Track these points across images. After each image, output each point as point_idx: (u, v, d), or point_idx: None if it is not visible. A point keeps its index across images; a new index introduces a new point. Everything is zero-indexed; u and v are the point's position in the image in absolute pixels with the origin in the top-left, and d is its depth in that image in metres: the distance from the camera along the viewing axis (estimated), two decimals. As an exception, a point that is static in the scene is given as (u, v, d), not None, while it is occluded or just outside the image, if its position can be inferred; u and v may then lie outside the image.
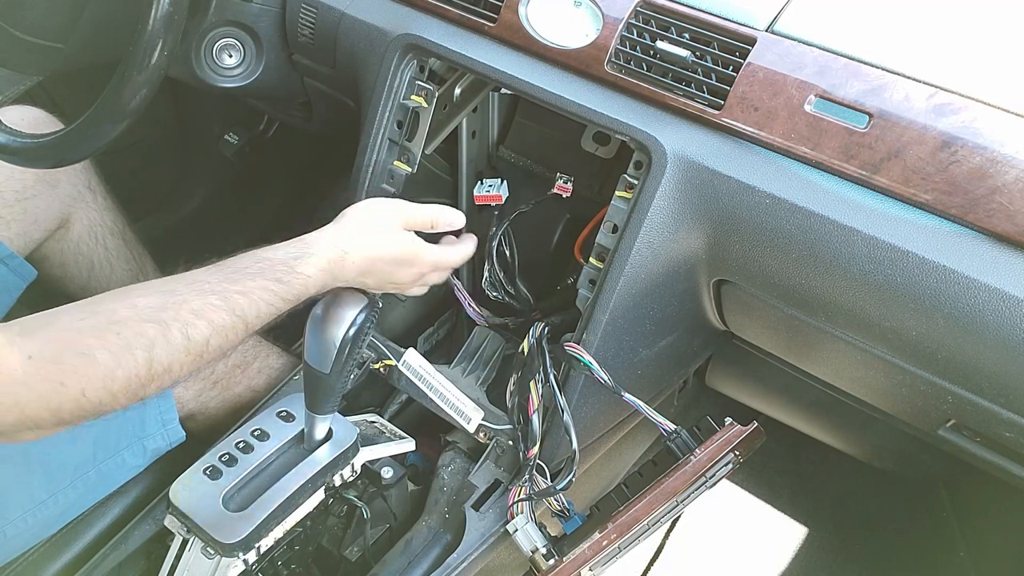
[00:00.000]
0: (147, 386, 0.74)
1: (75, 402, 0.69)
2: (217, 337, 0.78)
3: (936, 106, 0.81)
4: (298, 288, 0.84)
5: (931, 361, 0.86)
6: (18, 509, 0.97)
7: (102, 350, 0.71)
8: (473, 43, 1.04)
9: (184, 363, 0.76)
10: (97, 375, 0.70)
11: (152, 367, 0.73)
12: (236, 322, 0.79)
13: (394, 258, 0.93)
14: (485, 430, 1.03)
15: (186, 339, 0.75)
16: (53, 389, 0.68)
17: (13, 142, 1.03)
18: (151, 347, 0.73)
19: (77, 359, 0.70)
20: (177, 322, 0.75)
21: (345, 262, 0.88)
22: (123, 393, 0.72)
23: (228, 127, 1.76)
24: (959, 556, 1.47)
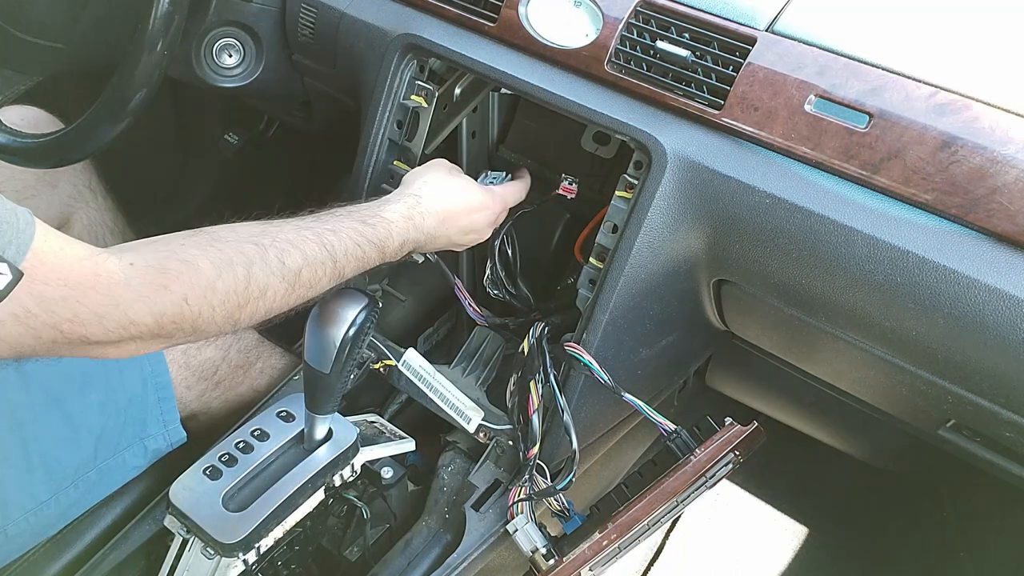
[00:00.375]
0: (243, 307, 0.74)
1: (177, 308, 0.69)
2: (308, 269, 0.80)
3: (936, 106, 0.81)
4: (382, 231, 0.88)
5: (931, 361, 0.86)
6: (19, 509, 0.97)
7: (204, 260, 0.72)
8: (473, 43, 1.04)
9: (278, 290, 0.77)
10: (199, 283, 0.70)
11: (250, 285, 0.74)
12: (326, 257, 0.82)
13: (468, 205, 0.98)
14: (485, 430, 1.03)
15: (281, 264, 0.77)
16: (156, 292, 0.68)
17: (13, 142, 1.03)
18: (250, 264, 0.75)
19: (180, 266, 0.70)
20: (274, 247, 0.78)
21: (422, 207, 0.93)
22: (221, 307, 0.72)
23: (228, 127, 1.76)
24: (959, 556, 1.47)
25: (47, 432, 0.99)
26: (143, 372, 1.06)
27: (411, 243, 0.92)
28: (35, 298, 0.61)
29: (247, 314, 0.75)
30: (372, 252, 0.87)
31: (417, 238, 0.93)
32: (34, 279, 0.60)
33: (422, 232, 0.93)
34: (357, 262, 0.86)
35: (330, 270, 0.82)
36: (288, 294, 0.79)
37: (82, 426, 1.01)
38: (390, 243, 0.89)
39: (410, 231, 0.91)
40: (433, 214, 0.94)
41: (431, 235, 0.94)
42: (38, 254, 0.61)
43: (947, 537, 1.51)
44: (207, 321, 0.72)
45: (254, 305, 0.76)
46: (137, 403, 1.06)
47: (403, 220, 0.91)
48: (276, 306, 0.79)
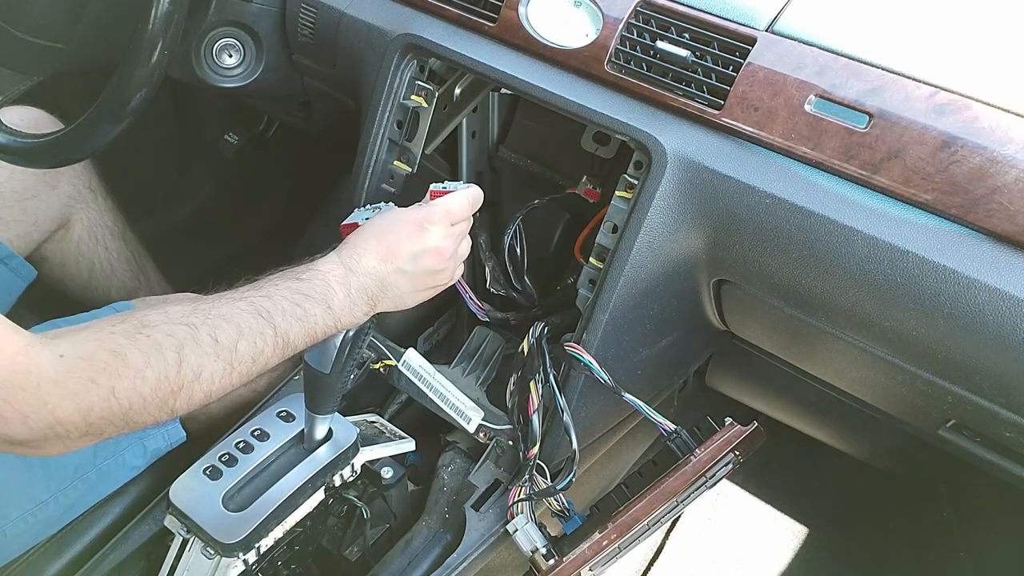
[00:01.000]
0: (177, 393, 0.72)
1: (105, 402, 0.67)
2: (246, 342, 0.76)
3: (936, 106, 0.81)
4: (319, 284, 0.83)
5: (931, 361, 0.86)
6: (18, 509, 0.97)
7: (132, 349, 0.70)
8: (473, 43, 1.04)
9: (215, 370, 0.74)
10: (127, 373, 0.69)
11: (182, 369, 0.72)
12: (264, 325, 0.78)
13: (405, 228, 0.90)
14: (485, 430, 1.03)
15: (215, 342, 0.74)
16: (83, 387, 0.66)
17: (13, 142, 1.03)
18: (180, 347, 0.72)
19: (108, 356, 0.68)
20: (206, 325, 0.75)
21: (353, 247, 0.88)
22: (153, 396, 0.70)
23: (228, 127, 1.76)
24: (959, 556, 1.47)
25: (47, 432, 0.99)
26: (143, 372, 1.06)
27: (359, 291, 0.86)
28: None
29: (183, 400, 0.73)
30: (316, 309, 0.82)
31: (364, 284, 0.86)
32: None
33: (366, 275, 0.86)
34: (300, 324, 0.80)
35: (271, 338, 0.78)
36: (227, 373, 0.75)
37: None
38: (333, 296, 0.83)
39: (350, 277, 0.85)
40: (368, 251, 0.88)
41: (379, 276, 0.87)
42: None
43: (947, 537, 1.51)
44: (138, 412, 0.70)
45: (189, 389, 0.73)
46: (137, 403, 1.05)
47: (338, 267, 0.85)
48: (216, 388, 0.75)
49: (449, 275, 0.95)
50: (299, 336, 0.81)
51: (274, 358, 0.80)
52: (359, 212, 1.07)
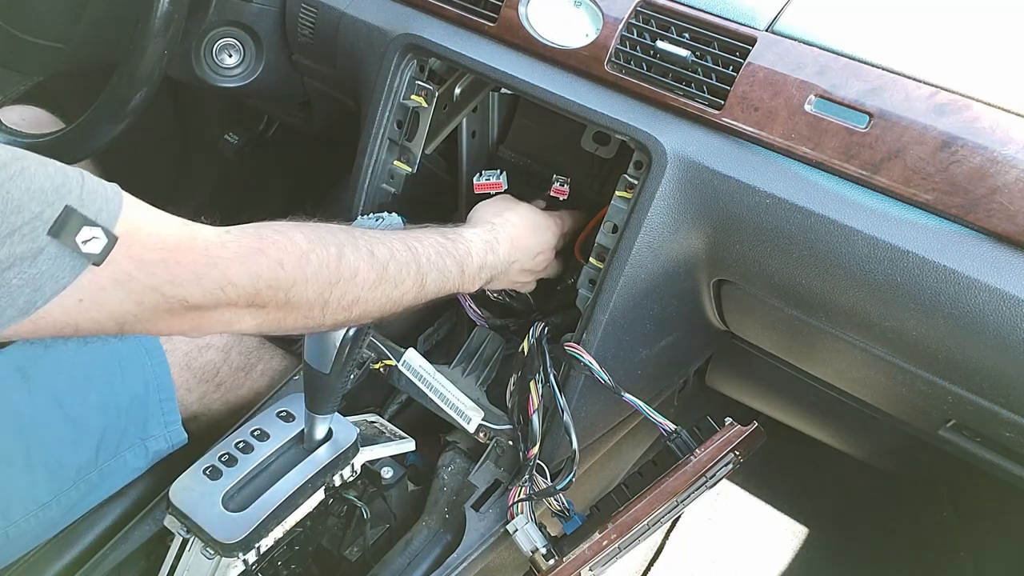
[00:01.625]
0: (335, 285, 0.74)
1: (273, 272, 0.69)
2: (395, 265, 0.81)
3: (936, 106, 0.81)
4: (462, 249, 0.91)
5: (931, 361, 0.86)
6: (21, 510, 0.97)
7: (298, 233, 0.73)
8: (473, 43, 1.04)
9: (367, 276, 0.77)
10: (294, 251, 0.71)
11: (341, 264, 0.75)
12: (410, 259, 0.83)
13: (534, 225, 1.02)
14: (485, 430, 1.03)
15: (371, 253, 0.79)
16: (252, 254, 0.68)
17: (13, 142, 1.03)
18: (342, 245, 0.76)
19: (275, 235, 0.71)
20: (364, 238, 0.80)
21: (496, 233, 0.97)
22: (314, 279, 0.72)
23: (228, 127, 1.76)
24: (959, 556, 1.47)
25: (49, 433, 0.99)
26: (144, 373, 1.06)
27: (488, 269, 0.95)
28: (134, 262, 0.61)
29: (337, 295, 0.75)
30: (452, 267, 0.89)
31: (494, 263, 0.95)
32: (132, 244, 0.61)
33: (498, 257, 0.96)
34: (438, 274, 0.87)
35: (414, 273, 0.83)
36: (375, 285, 0.79)
37: (83, 427, 1.01)
38: (469, 263, 0.91)
39: (487, 255, 0.94)
40: (506, 239, 0.98)
41: (505, 262, 0.98)
42: (134, 221, 0.61)
43: (947, 537, 1.51)
44: (300, 293, 0.72)
45: (344, 286, 0.75)
46: (138, 404, 1.06)
47: (481, 243, 0.94)
48: (364, 294, 0.78)
49: (534, 278, 1.09)
50: (433, 283, 0.86)
51: (409, 294, 0.83)
52: (362, 220, 1.08)
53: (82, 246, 0.57)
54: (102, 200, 0.59)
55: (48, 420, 1.00)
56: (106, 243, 0.58)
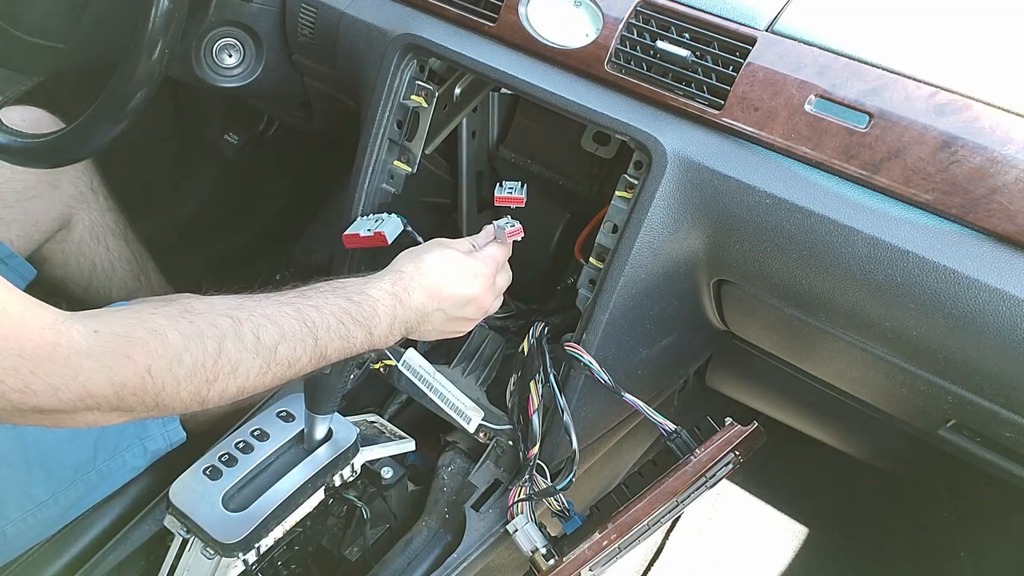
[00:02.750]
0: (212, 383, 0.71)
1: (140, 379, 0.66)
2: (286, 346, 0.76)
3: (936, 106, 0.81)
4: (367, 310, 0.84)
5: (931, 361, 0.86)
6: (18, 509, 0.97)
7: (173, 330, 0.69)
8: (473, 43, 1.04)
9: (251, 367, 0.73)
10: (165, 354, 0.67)
11: (220, 360, 0.71)
12: (306, 334, 0.78)
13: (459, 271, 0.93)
14: (485, 430, 1.03)
15: (256, 339, 0.74)
16: (119, 361, 0.65)
17: (14, 142, 1.03)
18: (222, 338, 0.71)
19: (147, 335, 0.67)
20: (250, 321, 0.74)
21: (407, 282, 0.89)
22: (187, 381, 0.69)
23: (228, 127, 1.76)
24: (959, 556, 1.47)
25: (46, 432, 0.99)
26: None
27: (400, 323, 0.87)
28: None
29: (216, 391, 0.72)
30: (358, 332, 0.83)
31: (407, 316, 0.88)
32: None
33: (411, 310, 0.88)
34: (340, 341, 0.81)
35: (311, 348, 0.78)
36: (263, 372, 0.75)
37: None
38: (377, 324, 0.85)
39: (397, 308, 0.87)
40: (420, 288, 0.90)
41: (421, 312, 0.90)
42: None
43: (947, 537, 1.51)
44: (171, 396, 0.68)
45: (224, 382, 0.72)
46: (137, 403, 1.05)
47: (389, 297, 0.87)
48: (249, 384, 0.74)
49: (476, 322, 0.99)
50: (336, 352, 0.81)
51: (308, 367, 0.79)
52: (362, 221, 1.08)
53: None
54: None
55: (47, 420, 0.99)
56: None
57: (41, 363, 0.61)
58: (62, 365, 0.62)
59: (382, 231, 1.04)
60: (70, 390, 0.63)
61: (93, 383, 0.64)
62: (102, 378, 0.64)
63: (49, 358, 0.61)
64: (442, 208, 1.30)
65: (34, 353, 0.60)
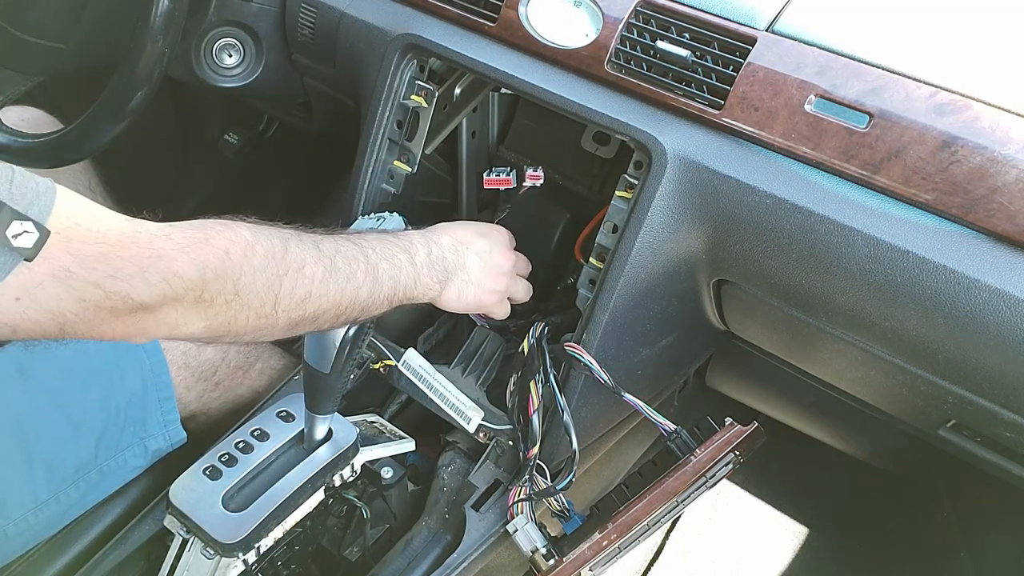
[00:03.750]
0: (283, 277, 0.73)
1: (219, 260, 0.67)
2: (343, 257, 0.79)
3: (936, 106, 0.81)
4: (403, 240, 0.89)
5: (931, 361, 0.86)
6: (20, 508, 0.97)
7: (243, 226, 0.72)
8: (473, 43, 1.04)
9: (316, 268, 0.76)
10: (239, 240, 0.70)
11: (287, 255, 0.74)
12: (357, 251, 0.82)
13: (475, 229, 0.99)
14: (485, 430, 1.03)
15: (316, 247, 0.77)
16: (197, 244, 0.67)
17: (13, 142, 1.03)
18: (286, 239, 0.75)
19: (220, 226, 0.70)
20: (308, 234, 0.79)
21: (433, 230, 0.95)
22: (262, 270, 0.71)
23: (228, 127, 1.76)
24: (959, 556, 1.47)
25: (48, 431, 1.00)
26: (143, 372, 1.07)
27: (437, 260, 0.92)
28: (73, 256, 0.59)
29: (288, 287, 0.73)
30: (401, 256, 0.87)
31: (442, 255, 0.92)
32: (70, 238, 0.59)
33: (443, 248, 0.93)
34: (388, 263, 0.84)
35: (363, 264, 0.81)
36: (326, 277, 0.77)
37: (83, 426, 1.01)
38: (416, 251, 0.89)
39: (431, 246, 0.92)
40: (445, 234, 0.95)
41: (454, 251, 0.94)
42: (71, 216, 0.60)
43: (947, 537, 1.51)
44: (248, 284, 0.70)
45: (294, 278, 0.73)
46: (137, 403, 1.06)
47: (419, 235, 0.92)
48: (315, 289, 0.76)
49: (507, 285, 1.01)
50: (386, 274, 0.84)
51: (364, 287, 0.81)
52: (363, 220, 1.08)
53: (12, 241, 0.55)
54: (33, 195, 0.58)
55: (47, 418, 1.00)
56: (38, 237, 0.56)
57: (126, 247, 0.62)
58: (145, 246, 0.64)
59: (384, 229, 1.04)
60: (157, 270, 0.64)
61: (177, 262, 0.65)
62: (185, 258, 0.65)
63: (132, 242, 0.63)
64: (442, 208, 1.30)
65: (118, 240, 0.62)
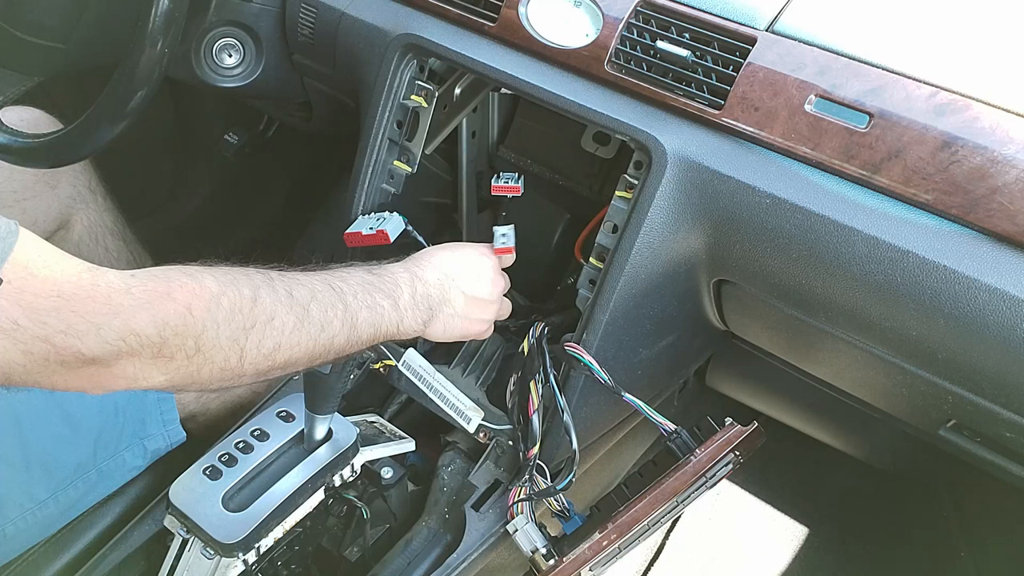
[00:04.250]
0: (250, 330, 0.70)
1: (181, 318, 0.65)
2: (318, 306, 0.76)
3: (937, 106, 0.81)
4: (388, 281, 0.87)
5: (931, 361, 0.86)
6: (18, 508, 0.97)
7: (208, 277, 0.69)
8: (473, 43, 1.04)
9: (287, 320, 0.73)
10: (203, 294, 0.67)
11: (256, 306, 0.71)
12: (336, 299, 0.79)
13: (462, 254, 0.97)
14: (485, 430, 1.03)
15: (289, 295, 0.74)
16: (159, 300, 0.64)
17: (13, 142, 1.03)
18: (257, 288, 0.72)
19: (184, 278, 0.67)
20: (281, 280, 0.75)
21: (418, 260, 0.93)
22: (226, 324, 0.68)
23: (228, 127, 1.76)
24: (960, 556, 1.47)
25: (46, 432, 0.99)
26: (143, 372, 1.06)
27: (422, 299, 0.89)
28: (23, 309, 0.57)
29: (254, 341, 0.71)
30: (384, 301, 0.84)
31: (427, 292, 0.90)
32: (23, 290, 0.57)
33: (429, 285, 0.91)
34: (369, 311, 0.82)
35: (341, 313, 0.79)
36: (297, 328, 0.74)
37: (81, 426, 1.01)
38: (400, 295, 0.87)
39: (416, 283, 0.89)
40: (431, 266, 0.93)
41: (440, 288, 0.92)
42: (27, 266, 0.57)
43: (947, 537, 1.51)
44: (211, 339, 0.67)
45: (261, 331, 0.71)
46: (136, 403, 1.06)
47: (405, 272, 0.90)
48: (285, 340, 0.73)
49: (494, 313, 1.00)
50: (366, 322, 0.82)
51: (340, 336, 0.79)
52: (363, 220, 1.08)
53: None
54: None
55: (45, 418, 1.00)
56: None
57: (82, 302, 0.60)
58: (103, 303, 0.61)
59: (384, 229, 1.04)
60: (112, 328, 0.61)
61: (135, 320, 0.63)
62: (144, 315, 0.63)
63: (90, 297, 0.61)
64: (442, 208, 1.30)
65: (74, 294, 0.60)
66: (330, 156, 1.86)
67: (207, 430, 1.15)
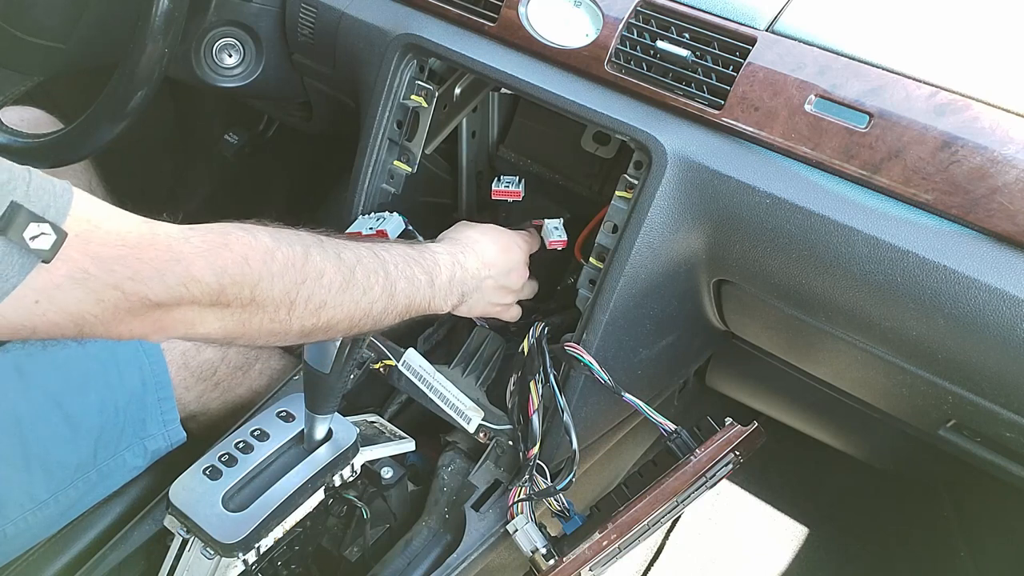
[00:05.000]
0: (301, 285, 0.72)
1: (238, 266, 0.67)
2: (362, 270, 0.78)
3: (937, 106, 0.81)
4: (429, 260, 0.89)
5: (931, 361, 0.86)
6: (18, 508, 0.97)
7: (263, 232, 0.72)
8: (473, 43, 1.04)
9: (334, 279, 0.75)
10: (259, 247, 0.69)
11: (308, 262, 0.73)
12: (378, 265, 0.81)
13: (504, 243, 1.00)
14: (485, 430, 1.03)
15: (338, 256, 0.77)
16: (216, 249, 0.66)
17: (13, 142, 1.03)
18: (308, 246, 0.74)
19: (240, 231, 0.70)
20: (330, 242, 0.78)
21: (462, 246, 0.96)
22: (280, 277, 0.70)
23: (228, 127, 1.76)
24: (960, 556, 1.47)
25: (46, 432, 0.99)
26: (143, 372, 1.06)
27: (458, 284, 0.92)
28: (92, 258, 0.59)
29: (304, 295, 0.72)
30: (421, 276, 0.86)
31: (464, 279, 0.93)
32: (89, 240, 0.59)
33: (467, 272, 0.94)
34: (407, 283, 0.84)
35: (382, 280, 0.80)
36: (343, 288, 0.76)
37: (81, 426, 1.01)
38: (438, 274, 0.89)
39: (455, 268, 0.92)
40: (473, 254, 0.96)
41: (476, 277, 0.95)
42: (89, 217, 0.60)
43: (947, 537, 1.51)
44: (266, 290, 0.69)
45: (311, 286, 0.73)
46: (137, 403, 1.06)
47: (448, 256, 0.92)
48: (331, 298, 0.75)
49: (514, 299, 1.06)
50: (403, 293, 0.83)
51: (379, 303, 0.81)
52: (363, 220, 1.08)
53: (30, 243, 0.55)
54: (50, 196, 0.57)
55: (45, 419, 1.00)
56: (55, 239, 0.56)
57: (145, 249, 0.62)
58: (164, 250, 0.63)
59: (384, 229, 1.04)
60: (175, 273, 0.63)
61: (195, 267, 0.65)
62: (203, 263, 0.65)
63: (151, 245, 0.63)
64: (442, 208, 1.30)
65: (137, 242, 0.62)
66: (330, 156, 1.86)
67: (207, 430, 1.15)
